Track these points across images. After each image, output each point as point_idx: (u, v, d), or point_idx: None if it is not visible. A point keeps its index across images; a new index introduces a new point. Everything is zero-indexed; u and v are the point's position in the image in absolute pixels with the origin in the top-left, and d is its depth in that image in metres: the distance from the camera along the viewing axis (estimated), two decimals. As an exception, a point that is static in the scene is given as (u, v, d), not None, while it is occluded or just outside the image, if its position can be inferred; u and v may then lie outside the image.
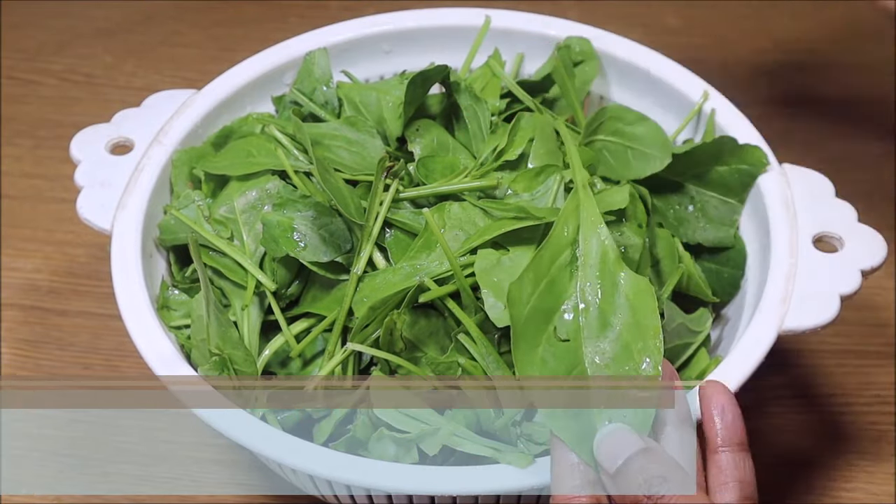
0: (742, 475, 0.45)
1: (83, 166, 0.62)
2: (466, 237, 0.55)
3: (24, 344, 0.72)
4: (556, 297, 0.49)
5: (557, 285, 0.49)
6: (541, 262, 0.49)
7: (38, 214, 0.80)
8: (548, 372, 0.47)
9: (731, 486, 0.45)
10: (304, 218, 0.57)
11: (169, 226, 0.61)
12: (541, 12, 0.70)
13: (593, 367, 0.48)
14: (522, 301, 0.48)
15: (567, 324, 0.49)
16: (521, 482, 0.49)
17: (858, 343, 0.71)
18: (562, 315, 0.49)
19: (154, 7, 0.98)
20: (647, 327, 0.48)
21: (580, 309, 0.49)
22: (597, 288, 0.49)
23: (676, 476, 0.43)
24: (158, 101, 0.65)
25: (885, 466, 0.65)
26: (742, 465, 0.45)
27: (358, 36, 0.69)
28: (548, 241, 0.49)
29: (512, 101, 0.65)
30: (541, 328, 0.48)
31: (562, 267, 0.49)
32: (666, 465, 0.43)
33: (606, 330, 0.48)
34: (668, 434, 0.46)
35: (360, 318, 0.54)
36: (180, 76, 0.91)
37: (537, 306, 0.48)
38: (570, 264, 0.50)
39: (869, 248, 0.56)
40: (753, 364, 0.53)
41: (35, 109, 0.88)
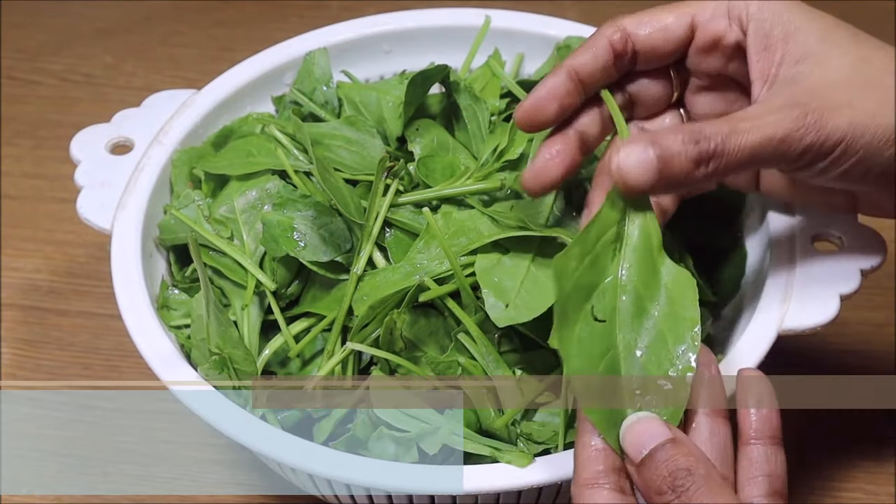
0: (773, 469, 0.45)
1: (83, 166, 0.62)
2: (469, 242, 0.55)
3: (24, 344, 0.72)
4: (598, 274, 0.47)
5: (600, 262, 0.47)
6: (587, 237, 0.47)
7: (38, 214, 0.80)
8: (584, 351, 0.46)
9: (761, 481, 0.44)
10: (304, 217, 0.57)
11: (169, 225, 0.61)
12: (541, 12, 0.70)
13: (627, 351, 0.46)
14: (568, 274, 0.46)
15: (604, 304, 0.47)
16: (521, 481, 0.49)
17: (858, 343, 0.71)
18: (601, 294, 0.47)
19: (154, 7, 0.98)
20: (685, 318, 0.47)
21: (619, 289, 0.47)
22: (637, 271, 0.47)
23: (702, 469, 0.42)
24: (158, 101, 0.65)
25: (885, 466, 0.65)
26: (773, 458, 0.45)
27: (358, 36, 0.69)
28: (597, 217, 0.47)
29: (512, 100, 0.65)
30: (580, 305, 0.46)
31: (606, 244, 0.47)
32: (692, 457, 0.42)
33: (643, 316, 0.47)
34: (700, 423, 0.45)
35: (359, 318, 0.54)
36: (180, 76, 0.91)
37: (579, 282, 0.46)
38: (615, 242, 0.47)
39: (869, 248, 0.56)
40: (753, 364, 0.53)
41: (35, 109, 0.88)
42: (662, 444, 0.43)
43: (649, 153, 0.44)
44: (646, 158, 0.44)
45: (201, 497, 0.65)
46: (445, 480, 0.49)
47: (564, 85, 0.50)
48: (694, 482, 0.42)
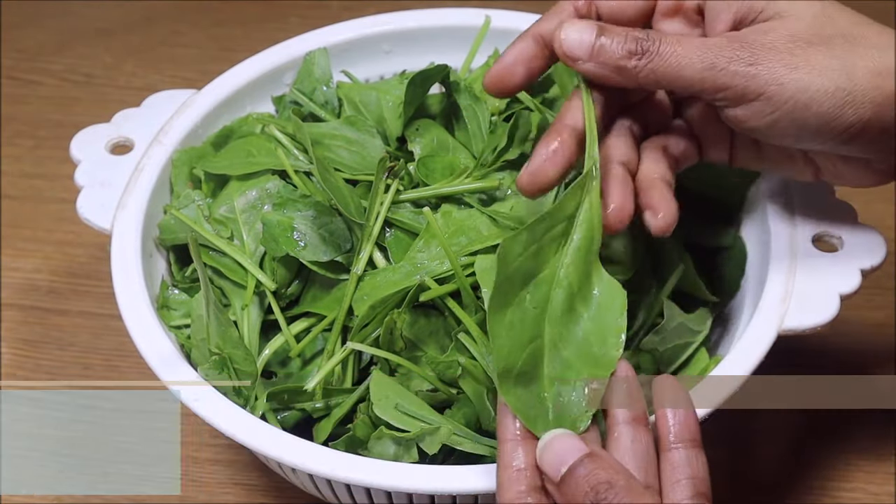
0: (695, 472, 0.45)
1: (83, 166, 0.62)
2: (469, 242, 0.55)
3: (24, 344, 0.72)
4: (539, 264, 0.49)
5: (543, 253, 0.49)
6: (538, 226, 0.48)
7: (38, 214, 0.80)
8: (513, 335, 0.47)
9: (684, 484, 0.44)
10: (304, 217, 0.57)
11: (169, 225, 0.61)
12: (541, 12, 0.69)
13: (552, 345, 0.48)
14: (512, 258, 0.48)
15: (539, 294, 0.48)
16: (521, 482, 0.49)
17: (858, 343, 0.71)
18: (538, 283, 0.48)
19: (154, 7, 0.98)
20: (611, 326, 0.48)
21: (556, 283, 0.49)
22: (575, 271, 0.49)
23: (622, 480, 0.42)
24: (158, 101, 0.65)
25: (884, 466, 0.65)
26: (695, 461, 0.45)
27: (358, 36, 0.69)
28: (551, 210, 0.49)
29: (512, 100, 0.65)
30: (517, 291, 0.48)
31: (553, 238, 0.49)
32: (612, 469, 0.43)
33: (572, 315, 0.48)
34: (621, 432, 0.45)
35: (360, 317, 0.54)
36: (180, 76, 0.91)
37: (520, 268, 0.48)
38: (561, 237, 0.49)
39: (869, 248, 0.56)
40: (753, 364, 0.53)
41: (35, 109, 0.88)
42: (581, 460, 0.43)
43: (592, 30, 0.49)
44: (588, 33, 0.49)
45: (201, 497, 0.65)
46: (445, 480, 0.49)
47: (531, 48, 0.52)
48: (616, 493, 0.42)
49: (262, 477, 0.65)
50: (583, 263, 0.49)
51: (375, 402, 0.52)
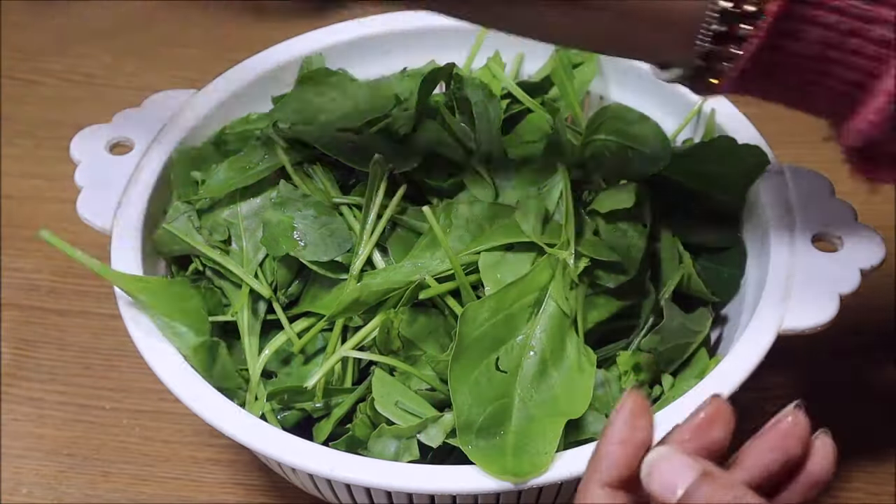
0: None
1: (83, 166, 0.62)
2: (472, 238, 0.55)
3: (24, 344, 0.72)
4: (510, 331, 0.51)
5: (514, 321, 0.51)
6: (507, 294, 0.51)
7: (38, 214, 0.80)
8: (477, 393, 0.50)
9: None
10: (304, 217, 0.57)
11: (164, 239, 0.60)
12: (541, 12, 0.69)
13: (522, 403, 0.50)
14: (476, 323, 0.50)
15: (511, 359, 0.51)
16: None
17: (858, 343, 0.71)
18: (509, 349, 0.51)
19: (154, 7, 0.98)
20: (581, 387, 0.51)
21: (528, 348, 0.51)
22: (549, 338, 0.51)
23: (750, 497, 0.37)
24: (158, 101, 0.65)
25: (885, 466, 0.65)
26: None
27: (358, 36, 0.69)
28: (521, 280, 0.52)
29: (512, 101, 0.65)
30: (484, 354, 0.51)
31: (524, 307, 0.51)
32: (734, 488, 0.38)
33: (544, 377, 0.51)
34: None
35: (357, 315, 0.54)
36: (180, 76, 0.91)
37: (488, 333, 0.51)
38: (534, 307, 0.52)
39: (868, 248, 0.56)
40: (753, 364, 0.53)
41: (35, 109, 0.88)
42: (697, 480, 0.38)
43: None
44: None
45: (201, 497, 0.65)
46: (445, 480, 0.49)
47: None
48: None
49: (262, 477, 0.65)
50: (557, 330, 0.51)
51: (377, 399, 0.52)
